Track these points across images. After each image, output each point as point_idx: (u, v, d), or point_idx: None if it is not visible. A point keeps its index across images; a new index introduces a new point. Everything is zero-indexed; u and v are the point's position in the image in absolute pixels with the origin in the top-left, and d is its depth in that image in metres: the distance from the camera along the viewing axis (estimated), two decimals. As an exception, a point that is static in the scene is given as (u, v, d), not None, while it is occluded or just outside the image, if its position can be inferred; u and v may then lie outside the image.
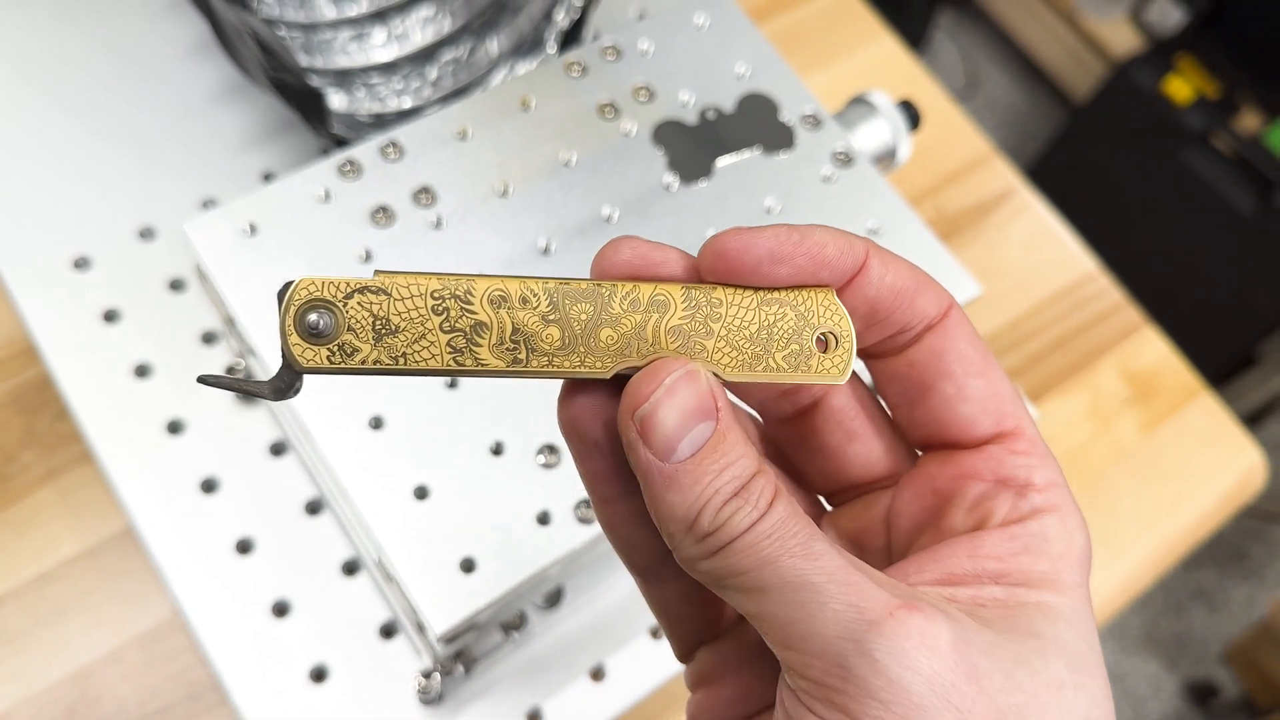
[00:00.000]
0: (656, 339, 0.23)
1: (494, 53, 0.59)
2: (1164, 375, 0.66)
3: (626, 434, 0.22)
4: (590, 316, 0.22)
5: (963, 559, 0.23)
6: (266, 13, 0.57)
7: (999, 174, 0.70)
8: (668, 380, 0.22)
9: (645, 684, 0.50)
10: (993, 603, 0.23)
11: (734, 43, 0.53)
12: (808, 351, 0.23)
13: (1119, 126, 1.68)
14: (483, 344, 0.22)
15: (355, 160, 0.47)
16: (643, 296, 0.23)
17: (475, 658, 0.48)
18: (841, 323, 0.23)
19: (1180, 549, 0.62)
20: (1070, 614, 0.22)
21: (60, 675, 0.47)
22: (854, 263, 0.23)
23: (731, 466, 0.21)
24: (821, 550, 0.21)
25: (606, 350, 0.22)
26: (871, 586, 0.21)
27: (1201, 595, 1.68)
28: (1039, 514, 0.24)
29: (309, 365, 0.22)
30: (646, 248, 0.23)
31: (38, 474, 0.51)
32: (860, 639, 0.20)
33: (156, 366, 0.51)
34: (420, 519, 0.42)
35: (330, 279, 0.21)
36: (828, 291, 0.23)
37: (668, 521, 0.22)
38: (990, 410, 0.25)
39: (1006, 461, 0.24)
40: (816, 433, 0.27)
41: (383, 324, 0.22)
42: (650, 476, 0.21)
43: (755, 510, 0.21)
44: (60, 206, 0.54)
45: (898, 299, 0.24)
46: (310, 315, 0.21)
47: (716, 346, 0.23)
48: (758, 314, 0.23)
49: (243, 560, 0.49)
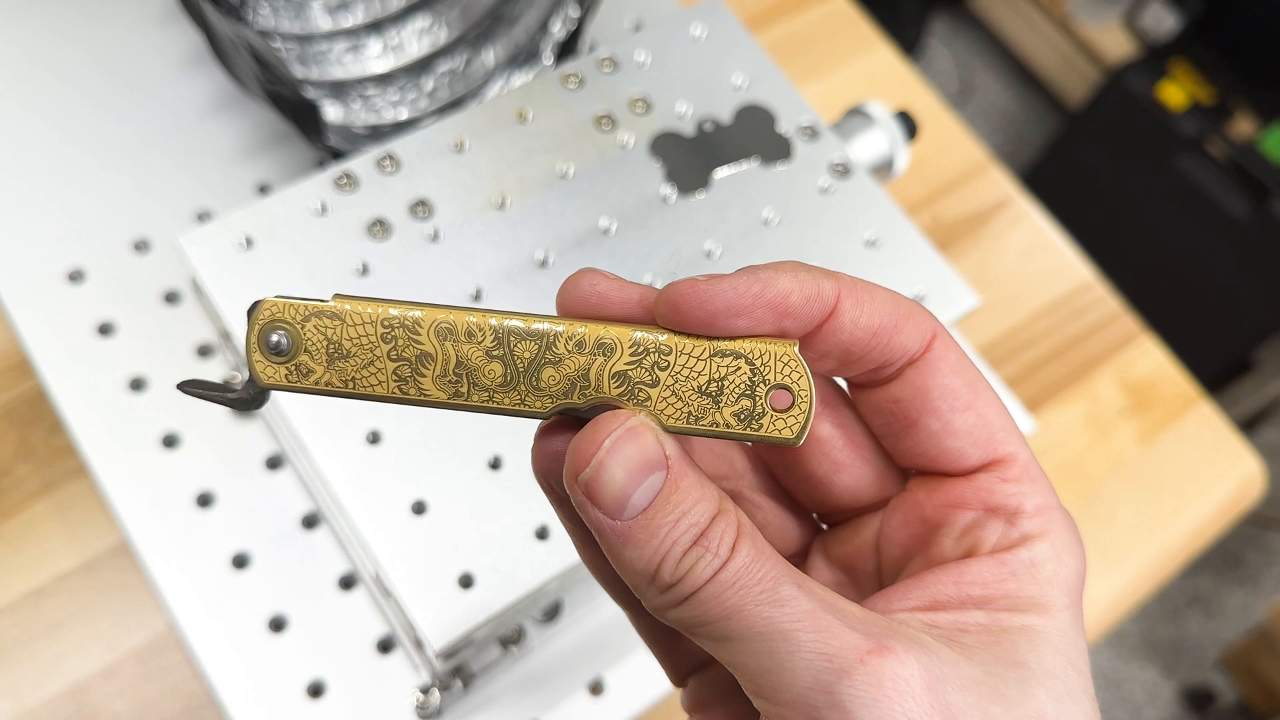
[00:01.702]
0: (600, 383, 0.22)
1: (490, 64, 0.58)
2: (1162, 384, 0.66)
3: (575, 496, 0.21)
4: (534, 355, 0.22)
5: (948, 585, 0.23)
6: (261, 24, 0.56)
7: (996, 183, 0.70)
8: (607, 442, 0.21)
9: (644, 698, 0.50)
10: (975, 628, 0.22)
11: (731, 53, 0.53)
12: (760, 410, 0.22)
13: (1113, 132, 1.69)
14: (426, 375, 0.22)
15: (351, 173, 0.47)
16: (589, 339, 0.22)
17: (473, 673, 0.47)
18: (801, 380, 0.22)
19: (1179, 558, 0.62)
20: (1056, 637, 0.22)
21: (55, 690, 0.47)
22: (822, 310, 0.22)
23: (688, 514, 0.21)
24: (788, 595, 0.20)
25: (548, 390, 0.22)
26: (842, 630, 0.20)
27: (1198, 601, 1.68)
28: (1029, 540, 0.23)
29: (269, 382, 0.22)
30: (607, 285, 0.23)
31: (32, 488, 0.51)
32: (831, 690, 0.19)
33: (151, 380, 0.51)
34: (418, 534, 0.41)
35: (292, 301, 0.22)
36: (789, 345, 0.22)
37: (629, 575, 0.21)
38: (979, 441, 0.24)
39: (997, 490, 0.24)
40: (801, 464, 0.26)
41: (335, 348, 0.22)
42: (604, 536, 0.21)
43: (717, 558, 0.21)
44: (54, 219, 0.54)
45: (874, 339, 0.23)
46: (273, 335, 0.22)
47: (661, 395, 0.22)
48: (709, 364, 0.22)
49: (239, 575, 0.48)
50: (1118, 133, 1.68)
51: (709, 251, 0.48)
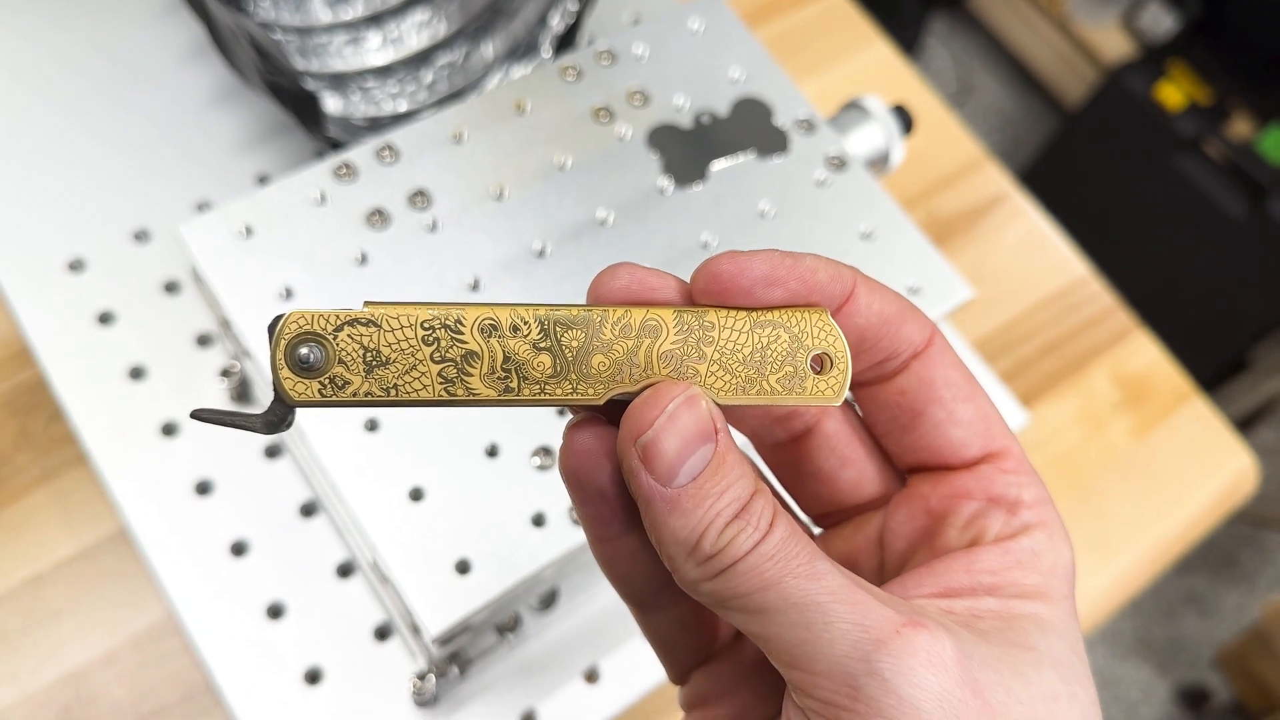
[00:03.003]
0: (649, 364, 0.22)
1: (489, 57, 0.59)
2: (1155, 379, 0.67)
3: (628, 460, 0.22)
4: (582, 343, 0.22)
5: (959, 573, 0.24)
6: (262, 16, 0.57)
7: (992, 179, 0.71)
8: (671, 406, 0.21)
9: (640, 686, 0.50)
10: (989, 614, 0.23)
11: (728, 47, 0.53)
12: (802, 374, 0.23)
13: (1111, 132, 1.69)
14: (474, 373, 0.22)
15: (350, 163, 0.47)
16: (634, 321, 0.22)
17: (470, 659, 0.48)
18: (836, 343, 0.23)
19: (1171, 553, 0.63)
20: (1060, 625, 0.23)
21: (55, 677, 0.47)
22: (843, 290, 0.23)
23: (731, 488, 0.21)
24: (824, 570, 0.21)
25: (599, 377, 0.22)
26: (876, 604, 0.21)
27: (1193, 600, 1.68)
28: (1030, 530, 0.24)
29: (301, 399, 0.21)
30: (644, 273, 0.23)
31: (32, 476, 0.51)
32: (868, 658, 0.20)
33: (151, 369, 0.51)
34: (415, 521, 0.42)
35: (320, 311, 0.21)
36: (821, 312, 0.23)
37: (669, 545, 0.22)
38: (979, 432, 0.25)
39: (998, 480, 0.25)
40: (810, 458, 0.27)
41: (373, 356, 0.21)
42: (652, 502, 0.22)
43: (757, 531, 0.21)
44: (55, 209, 0.54)
45: (885, 326, 0.24)
46: (301, 349, 0.21)
47: (710, 370, 0.23)
48: (751, 336, 0.23)
49: (237, 562, 0.49)
50: (1115, 133, 1.68)
51: (705, 243, 0.48)
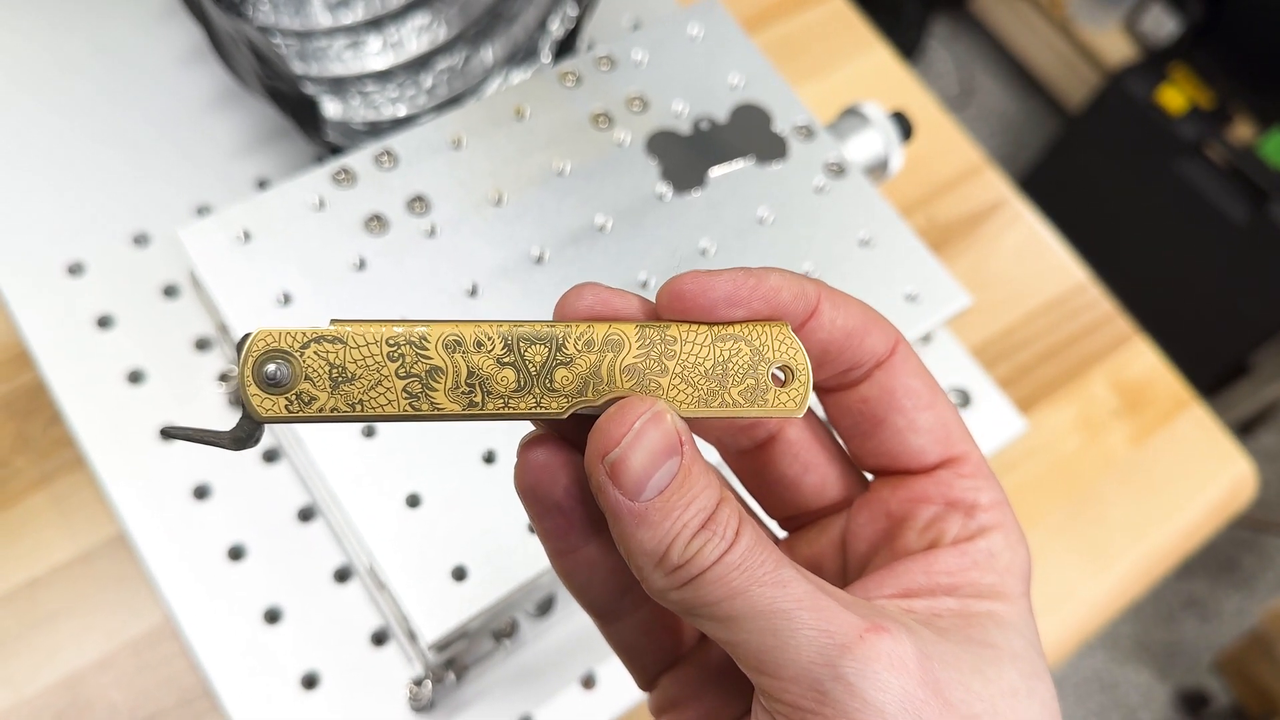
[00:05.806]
0: (612, 378, 0.23)
1: (489, 61, 0.59)
2: (1154, 386, 0.66)
3: (596, 477, 0.22)
4: (545, 358, 0.22)
5: (919, 575, 0.25)
6: (262, 20, 0.57)
7: (991, 184, 0.71)
8: (637, 424, 0.22)
9: (635, 692, 0.50)
10: (947, 613, 0.24)
11: (727, 53, 0.53)
12: (764, 386, 0.23)
13: (1113, 136, 1.69)
14: (438, 388, 0.22)
15: (349, 168, 0.47)
16: (597, 336, 0.23)
17: (466, 665, 0.48)
18: (797, 356, 0.23)
19: (1170, 560, 0.63)
20: (1018, 622, 0.24)
21: (51, 681, 0.47)
22: (806, 307, 0.24)
23: (697, 500, 0.22)
24: (789, 577, 0.22)
25: (562, 391, 0.23)
26: (839, 610, 0.21)
27: (1193, 605, 1.68)
28: (986, 532, 0.25)
29: (267, 415, 0.22)
30: (608, 294, 0.24)
31: (30, 479, 0.51)
32: (833, 663, 0.21)
33: (149, 373, 0.51)
34: (412, 527, 0.42)
35: (287, 329, 0.22)
36: (783, 325, 0.23)
37: (638, 556, 0.22)
38: (939, 439, 0.26)
39: (955, 485, 0.26)
40: (773, 465, 0.28)
41: (339, 372, 0.22)
42: (620, 516, 0.22)
43: (723, 541, 0.22)
44: (54, 212, 0.54)
45: (848, 340, 0.25)
46: (268, 365, 0.22)
47: (672, 383, 0.23)
48: (712, 350, 0.23)
49: (234, 567, 0.49)
50: (1117, 136, 1.68)
51: (704, 249, 0.48)
